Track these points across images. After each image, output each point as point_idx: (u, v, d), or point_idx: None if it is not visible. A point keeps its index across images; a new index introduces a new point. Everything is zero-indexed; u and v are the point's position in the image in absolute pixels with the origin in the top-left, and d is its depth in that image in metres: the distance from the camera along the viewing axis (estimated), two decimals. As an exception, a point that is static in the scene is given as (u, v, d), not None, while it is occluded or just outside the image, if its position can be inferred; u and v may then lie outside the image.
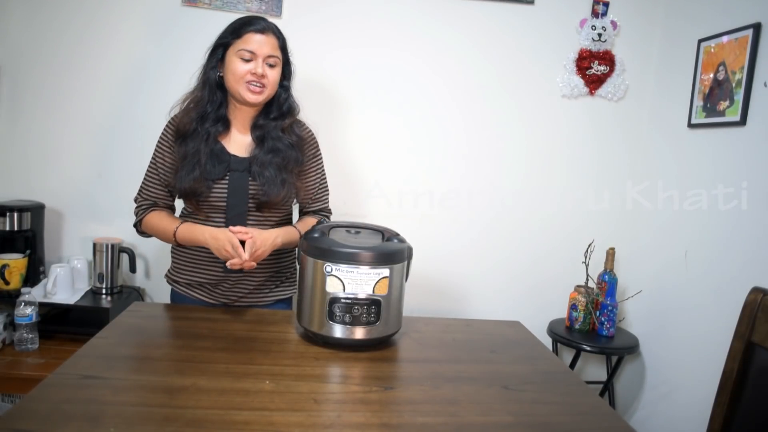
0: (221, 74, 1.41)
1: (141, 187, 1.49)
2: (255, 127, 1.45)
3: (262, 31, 1.36)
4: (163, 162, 1.44)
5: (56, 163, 2.06)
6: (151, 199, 1.47)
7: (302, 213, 1.59)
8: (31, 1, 1.98)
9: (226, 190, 1.40)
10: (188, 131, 1.39)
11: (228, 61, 1.38)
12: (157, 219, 1.45)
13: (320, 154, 1.56)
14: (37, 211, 1.97)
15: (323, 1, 2.06)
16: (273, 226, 1.46)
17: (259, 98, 1.38)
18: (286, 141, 1.43)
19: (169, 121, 1.45)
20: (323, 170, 1.57)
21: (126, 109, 2.06)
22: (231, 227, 1.32)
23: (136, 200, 1.49)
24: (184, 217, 1.50)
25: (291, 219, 1.58)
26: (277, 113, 1.45)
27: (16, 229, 1.90)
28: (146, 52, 2.03)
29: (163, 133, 1.46)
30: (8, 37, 1.99)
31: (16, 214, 1.89)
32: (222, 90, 1.42)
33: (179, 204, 1.52)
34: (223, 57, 1.39)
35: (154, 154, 1.47)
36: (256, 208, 1.42)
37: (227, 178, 1.39)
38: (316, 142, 1.55)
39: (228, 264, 1.29)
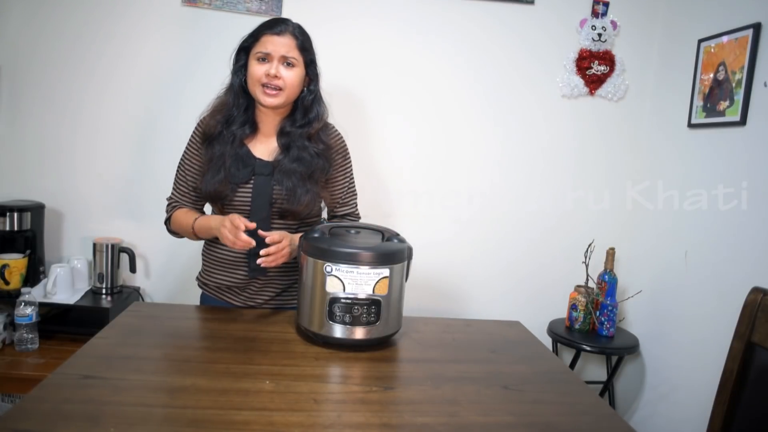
0: (246, 78, 1.39)
1: (172, 189, 1.49)
2: (281, 134, 1.42)
3: (278, 33, 1.34)
4: (190, 165, 1.45)
5: (56, 163, 2.06)
6: (179, 203, 1.48)
7: (330, 217, 1.57)
8: (31, 1, 1.98)
9: (250, 194, 1.38)
10: (214, 134, 1.38)
11: (248, 64, 1.37)
12: (182, 216, 1.45)
13: (349, 159, 1.52)
14: (37, 211, 1.97)
15: (323, 1, 2.07)
16: (297, 230, 1.45)
17: (275, 101, 1.35)
18: (312, 150, 1.39)
19: (197, 125, 1.45)
20: (352, 175, 1.54)
21: (126, 108, 2.05)
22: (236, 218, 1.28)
23: (167, 200, 1.50)
24: None
25: (319, 222, 1.56)
26: (303, 120, 1.41)
27: (16, 229, 1.90)
28: (146, 52, 2.03)
29: (191, 137, 1.45)
30: (8, 37, 1.99)
31: (16, 214, 1.89)
32: (247, 94, 1.41)
33: (208, 208, 1.51)
34: (246, 62, 1.38)
35: (182, 158, 1.47)
36: (279, 216, 1.40)
37: (252, 182, 1.38)
38: (345, 148, 1.50)
39: (230, 243, 1.26)
